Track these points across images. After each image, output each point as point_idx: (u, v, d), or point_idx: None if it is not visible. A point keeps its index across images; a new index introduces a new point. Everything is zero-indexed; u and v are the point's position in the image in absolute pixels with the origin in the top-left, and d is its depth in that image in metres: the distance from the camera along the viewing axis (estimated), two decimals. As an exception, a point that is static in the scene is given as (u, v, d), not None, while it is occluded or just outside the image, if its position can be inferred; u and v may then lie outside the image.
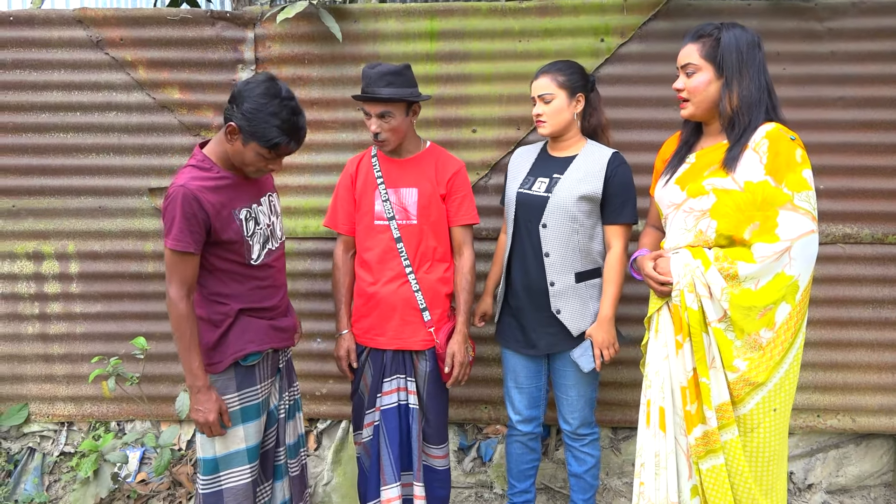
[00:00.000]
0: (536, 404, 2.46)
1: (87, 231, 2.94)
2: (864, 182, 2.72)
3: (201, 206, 1.83)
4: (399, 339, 2.31)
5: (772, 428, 1.85)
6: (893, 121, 2.69)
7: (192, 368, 1.86)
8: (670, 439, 1.92)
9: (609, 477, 3.00)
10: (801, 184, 1.80)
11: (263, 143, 1.84)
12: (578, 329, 2.28)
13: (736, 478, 1.86)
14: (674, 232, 1.97)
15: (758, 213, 1.82)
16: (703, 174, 1.91)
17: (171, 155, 2.90)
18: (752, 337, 1.81)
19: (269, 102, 1.81)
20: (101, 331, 2.98)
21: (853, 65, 2.69)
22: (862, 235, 2.75)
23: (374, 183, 2.35)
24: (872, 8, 2.66)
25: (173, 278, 1.85)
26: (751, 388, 1.82)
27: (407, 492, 2.35)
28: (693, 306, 1.85)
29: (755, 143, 1.84)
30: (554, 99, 2.26)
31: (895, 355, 2.78)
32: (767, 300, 1.79)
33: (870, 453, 2.95)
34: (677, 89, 1.96)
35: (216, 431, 1.91)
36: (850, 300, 2.78)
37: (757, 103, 1.86)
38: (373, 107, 2.22)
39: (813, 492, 2.95)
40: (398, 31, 2.81)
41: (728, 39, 1.86)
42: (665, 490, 1.92)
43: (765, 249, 1.79)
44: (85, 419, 3.05)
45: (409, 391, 2.33)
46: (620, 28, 2.75)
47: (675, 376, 1.91)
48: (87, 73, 2.87)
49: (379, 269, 2.32)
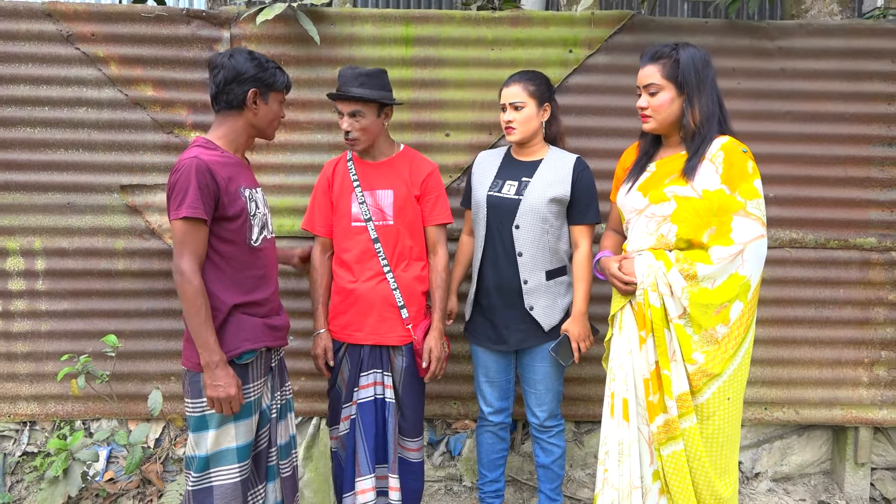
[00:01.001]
0: (506, 396, 2.59)
1: (55, 228, 2.90)
2: (809, 191, 2.92)
3: (213, 177, 1.89)
4: (376, 334, 2.38)
5: (726, 415, 2.03)
6: (836, 134, 2.90)
7: (208, 344, 1.86)
8: (633, 428, 2.08)
9: (573, 469, 3.14)
10: (753, 192, 1.98)
11: (281, 87, 2.06)
12: (550, 324, 2.41)
13: (694, 462, 2.02)
14: (636, 235, 2.12)
15: (714, 218, 1.98)
16: (664, 182, 2.07)
17: (143, 152, 2.89)
18: (709, 332, 1.98)
19: (256, 59, 2.00)
20: (68, 329, 2.94)
21: (800, 81, 2.89)
22: (807, 240, 2.96)
23: (350, 186, 2.42)
24: (819, 30, 2.87)
25: (185, 251, 1.86)
26: (708, 378, 1.99)
27: (382, 484, 2.42)
28: (656, 304, 2.01)
29: (711, 155, 2.01)
30: (525, 107, 2.37)
31: (835, 352, 3.00)
32: (723, 298, 1.96)
33: (811, 443, 3.17)
34: (641, 107, 2.10)
35: (236, 406, 1.92)
36: (795, 300, 2.98)
37: (713, 117, 2.04)
38: (345, 105, 2.31)
39: (759, 480, 3.15)
40: (374, 35, 2.87)
41: (686, 59, 2.02)
42: (628, 476, 2.07)
43: (721, 252, 1.96)
44: (49, 418, 3.00)
45: (386, 385, 2.40)
46: (588, 40, 2.88)
47: (637, 369, 2.06)
48: (56, 67, 2.83)
49: (358, 269, 2.38)
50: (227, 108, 2.01)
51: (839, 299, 2.97)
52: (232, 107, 2.00)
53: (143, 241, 2.92)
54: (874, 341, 2.98)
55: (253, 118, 2.03)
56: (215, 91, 2.00)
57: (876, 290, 2.96)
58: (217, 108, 2.03)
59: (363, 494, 2.36)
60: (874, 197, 2.93)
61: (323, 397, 2.83)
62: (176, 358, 2.96)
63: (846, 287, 2.97)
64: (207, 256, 1.93)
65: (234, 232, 1.96)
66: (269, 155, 2.91)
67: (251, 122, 2.04)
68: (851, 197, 2.93)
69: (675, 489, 2.03)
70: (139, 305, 2.94)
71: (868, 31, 2.86)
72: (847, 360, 3.00)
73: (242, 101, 1.99)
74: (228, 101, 1.99)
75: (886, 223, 2.93)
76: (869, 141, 2.91)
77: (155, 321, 2.95)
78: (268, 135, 2.12)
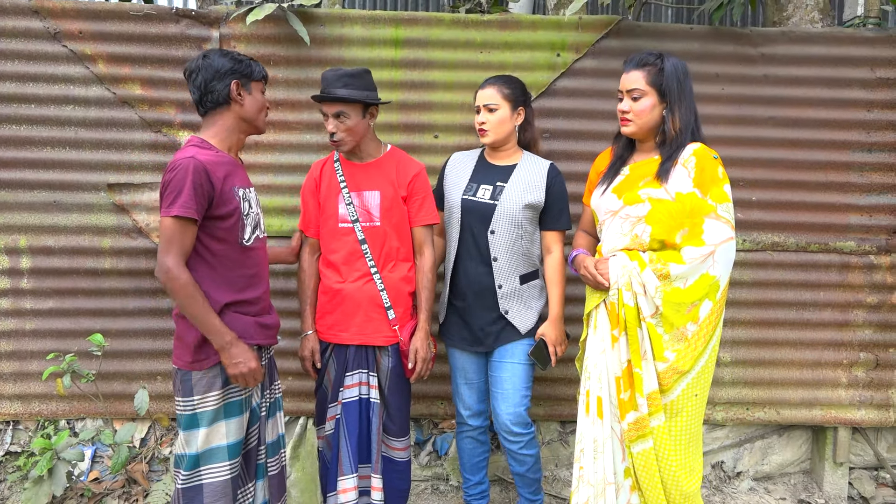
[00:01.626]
0: (484, 398, 2.61)
1: (40, 226, 2.88)
2: (790, 195, 2.98)
3: (209, 177, 1.90)
4: (362, 334, 2.39)
5: (692, 412, 2.11)
6: (817, 140, 2.96)
7: (215, 327, 1.89)
8: (607, 426, 2.14)
9: (558, 468, 3.17)
10: (723, 196, 2.08)
11: (259, 77, 2.09)
12: (525, 327, 2.45)
13: (662, 461, 2.09)
14: (611, 236, 2.19)
15: (687, 220, 2.07)
16: (639, 184, 2.15)
17: (130, 151, 2.88)
18: (680, 330, 2.06)
19: (229, 55, 2.04)
20: (53, 327, 2.92)
21: (782, 88, 2.94)
22: (788, 244, 3.01)
23: (337, 187, 2.43)
24: (801, 37, 2.93)
25: (172, 248, 1.87)
26: (678, 375, 2.06)
27: (364, 484, 2.42)
28: (629, 303, 2.08)
29: (684, 160, 2.10)
30: (498, 109, 2.41)
31: (815, 353, 3.05)
32: (694, 297, 2.04)
33: (791, 443, 3.22)
34: (623, 111, 2.17)
35: (259, 376, 1.96)
36: (777, 303, 3.03)
37: (689, 125, 2.13)
38: (329, 107, 2.31)
39: (741, 479, 3.20)
40: (363, 37, 2.88)
41: (670, 69, 2.11)
42: (602, 472, 2.13)
43: (693, 252, 2.04)
44: (32, 418, 2.98)
45: (371, 385, 2.40)
46: (575, 44, 2.91)
47: (610, 367, 2.13)
48: (43, 64, 2.82)
49: (345, 270, 2.39)
50: (214, 107, 2.03)
51: (819, 302, 3.03)
52: (218, 104, 2.02)
53: (131, 239, 2.91)
54: (853, 343, 3.04)
55: (240, 110, 2.05)
56: (199, 95, 2.02)
57: (855, 292, 3.02)
58: (203, 110, 2.05)
59: (345, 494, 2.37)
60: (854, 202, 2.99)
61: (310, 397, 2.84)
62: (162, 357, 2.95)
63: (826, 290, 3.03)
64: (200, 255, 1.94)
65: (226, 231, 1.97)
66: (258, 155, 2.92)
67: (240, 115, 2.05)
68: (832, 201, 2.99)
69: (646, 486, 2.11)
70: (125, 304, 2.93)
71: (848, 39, 2.93)
72: (827, 361, 3.06)
73: (227, 96, 2.01)
74: (213, 99, 2.01)
75: (865, 227, 3.00)
76: (849, 147, 2.97)
77: (141, 320, 2.94)
78: (258, 126, 2.13)
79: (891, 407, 3.06)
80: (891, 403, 3.05)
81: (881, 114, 2.95)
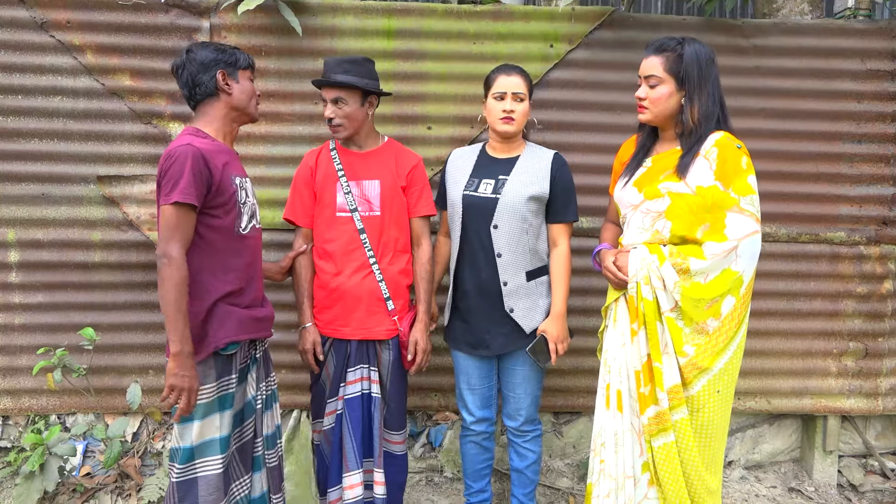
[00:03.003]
0: (488, 404, 2.52)
1: (29, 219, 2.84)
2: (782, 186, 2.99)
3: (207, 165, 1.90)
4: (364, 329, 2.37)
5: (715, 408, 2.03)
6: (807, 131, 2.98)
7: (183, 333, 1.83)
8: (626, 419, 2.07)
9: (552, 459, 3.18)
10: (747, 188, 1.98)
11: (245, 65, 2.08)
12: (530, 326, 2.36)
13: (685, 454, 2.02)
14: (632, 230, 2.12)
15: (708, 214, 1.98)
16: (659, 178, 2.06)
17: (120, 142, 2.85)
18: (700, 325, 1.97)
19: (213, 45, 2.05)
20: (43, 322, 2.89)
21: (774, 79, 2.96)
22: (779, 234, 3.03)
23: (334, 175, 2.40)
24: (792, 29, 2.94)
25: (175, 236, 1.85)
26: (698, 371, 1.99)
27: (367, 478, 2.41)
28: (648, 297, 2.00)
29: (706, 151, 2.00)
30: (525, 100, 2.33)
31: (805, 343, 3.08)
32: (715, 293, 1.96)
33: (781, 432, 3.26)
34: (639, 98, 2.08)
35: (193, 401, 1.87)
36: (768, 293, 3.05)
37: (712, 116, 2.02)
38: (328, 92, 2.31)
39: (732, 468, 3.23)
40: (356, 27, 2.86)
41: (690, 55, 2.00)
42: (622, 466, 2.08)
43: (715, 248, 1.95)
44: (23, 413, 2.95)
45: (373, 380, 2.39)
46: (568, 35, 2.91)
47: (630, 361, 2.07)
48: (30, 55, 2.78)
49: (342, 260, 2.37)
50: (204, 98, 2.03)
51: (810, 292, 3.06)
52: (208, 95, 2.02)
53: (121, 232, 2.88)
54: (843, 332, 3.08)
55: (230, 99, 2.05)
56: (188, 90, 2.03)
57: (845, 282, 3.05)
58: (194, 103, 2.05)
59: (351, 490, 2.36)
60: (844, 192, 3.01)
61: (304, 390, 2.82)
62: (154, 351, 2.93)
63: (816, 280, 3.05)
64: (195, 243, 1.93)
65: (223, 219, 1.96)
66: (249, 146, 2.89)
67: (230, 103, 2.05)
68: (822, 192, 3.01)
69: (666, 480, 2.03)
70: (117, 298, 2.91)
71: (839, 30, 2.94)
72: (817, 350, 3.09)
73: (215, 86, 2.02)
74: (202, 91, 2.01)
75: (855, 218, 3.02)
76: (839, 138, 2.99)
77: (133, 314, 2.92)
78: (250, 114, 2.12)
79: (879, 395, 3.09)
80: (879, 392, 3.09)
81: (871, 105, 2.97)
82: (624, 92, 2.91)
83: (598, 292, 2.98)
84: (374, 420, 2.39)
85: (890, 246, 3.03)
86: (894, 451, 3.26)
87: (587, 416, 3.16)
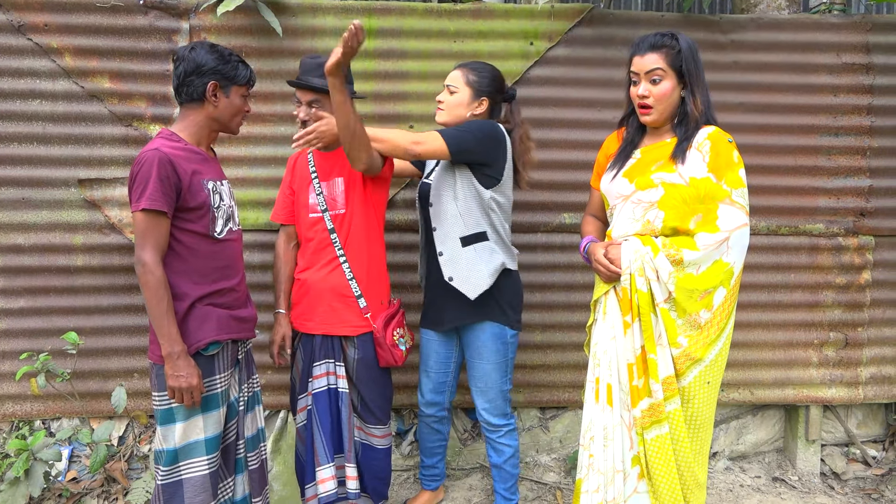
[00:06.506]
0: (440, 390, 2.60)
1: (9, 223, 2.82)
2: (761, 179, 3.02)
3: (175, 169, 1.89)
4: (326, 324, 2.38)
5: (705, 399, 2.05)
6: (786, 125, 3.02)
7: (170, 334, 1.85)
8: (616, 413, 2.08)
9: (539, 454, 3.20)
10: (738, 181, 2.00)
11: (243, 81, 2.05)
12: (474, 293, 2.33)
13: (677, 444, 2.03)
14: (622, 221, 2.11)
15: (701, 206, 2.00)
16: (651, 169, 2.07)
17: (100, 145, 2.83)
18: (693, 317, 1.99)
19: (218, 52, 2.00)
20: (25, 327, 2.87)
21: (752, 74, 2.99)
22: (759, 227, 3.07)
23: (308, 177, 2.44)
24: (769, 24, 2.97)
25: (147, 243, 1.86)
26: (691, 362, 2.00)
27: (340, 473, 2.42)
28: (643, 289, 2.00)
29: (698, 144, 2.02)
30: (457, 93, 2.38)
31: (786, 334, 3.12)
32: (707, 284, 1.98)
33: (765, 422, 3.30)
34: (641, 96, 2.05)
35: (198, 397, 1.91)
36: (749, 285, 3.08)
37: (709, 107, 2.06)
38: (304, 94, 2.33)
39: (717, 459, 3.26)
40: (336, 27, 2.86)
41: (686, 49, 2.01)
42: (612, 460, 2.08)
43: (707, 238, 1.97)
44: (7, 419, 2.93)
45: (339, 375, 2.40)
46: (548, 33, 2.92)
47: (621, 355, 2.06)
48: (7, 58, 2.76)
49: (314, 258, 2.41)
50: (189, 101, 2.01)
51: (790, 283, 3.09)
52: (193, 99, 2.00)
53: (103, 235, 2.87)
54: (823, 323, 3.12)
55: (213, 111, 2.03)
56: (177, 83, 2.00)
57: (824, 274, 3.09)
58: (179, 100, 2.04)
59: (323, 484, 2.36)
60: (822, 185, 3.05)
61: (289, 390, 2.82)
62: (138, 354, 2.92)
63: (796, 272, 3.09)
64: (171, 247, 1.93)
65: (196, 223, 1.96)
66: (231, 147, 2.89)
67: (211, 115, 2.03)
68: (801, 185, 3.05)
69: (657, 472, 2.03)
70: (100, 301, 2.89)
71: (815, 25, 2.98)
72: (798, 341, 3.12)
73: (202, 94, 1.99)
74: (189, 93, 1.99)
75: (833, 210, 3.06)
76: (816, 131, 3.03)
77: (117, 317, 2.90)
78: (231, 129, 2.11)
79: (860, 384, 3.14)
80: (860, 381, 3.14)
81: (847, 98, 3.01)
82: (604, 88, 2.93)
83: (583, 287, 3.00)
84: (342, 415, 2.39)
85: (867, 237, 3.08)
86: (875, 438, 3.31)
87: (573, 411, 3.18)
